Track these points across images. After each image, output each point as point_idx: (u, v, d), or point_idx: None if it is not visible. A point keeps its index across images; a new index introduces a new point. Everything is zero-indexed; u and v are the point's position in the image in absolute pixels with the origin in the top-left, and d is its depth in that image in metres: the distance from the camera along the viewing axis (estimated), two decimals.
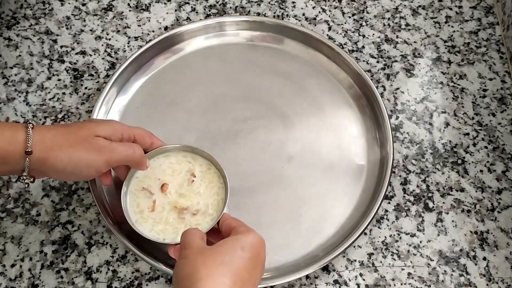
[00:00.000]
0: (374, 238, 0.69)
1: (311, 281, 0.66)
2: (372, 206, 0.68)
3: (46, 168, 0.56)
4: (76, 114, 0.77)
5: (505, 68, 0.83)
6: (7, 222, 0.69)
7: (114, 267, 0.66)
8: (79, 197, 0.71)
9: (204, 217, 0.64)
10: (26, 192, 0.71)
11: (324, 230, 0.69)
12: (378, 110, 0.76)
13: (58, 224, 0.69)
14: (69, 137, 0.56)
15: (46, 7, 0.88)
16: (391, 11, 0.89)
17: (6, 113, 0.77)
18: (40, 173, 0.58)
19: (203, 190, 0.66)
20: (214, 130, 0.76)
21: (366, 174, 0.73)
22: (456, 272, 0.67)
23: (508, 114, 0.79)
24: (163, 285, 0.65)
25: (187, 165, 0.68)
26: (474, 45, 0.85)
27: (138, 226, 0.63)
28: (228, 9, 0.88)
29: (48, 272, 0.66)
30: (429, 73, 0.82)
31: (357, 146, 0.75)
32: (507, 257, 0.68)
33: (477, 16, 0.88)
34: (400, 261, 0.68)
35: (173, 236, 0.63)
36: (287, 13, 0.88)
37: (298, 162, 0.73)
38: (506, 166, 0.74)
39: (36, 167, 0.56)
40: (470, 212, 0.71)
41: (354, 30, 0.86)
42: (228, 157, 0.73)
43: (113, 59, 0.82)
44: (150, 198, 0.65)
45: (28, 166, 0.55)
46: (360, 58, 0.83)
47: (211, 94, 0.79)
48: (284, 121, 0.77)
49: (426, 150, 0.76)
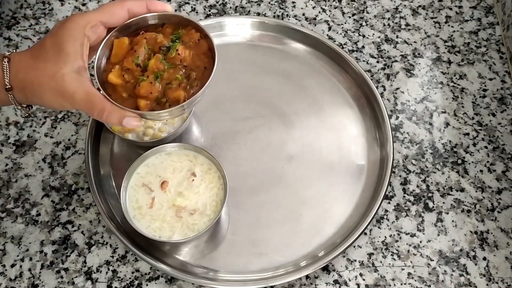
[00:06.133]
0: (374, 238, 0.69)
1: (311, 281, 0.66)
2: (372, 206, 0.68)
3: (30, 102, 0.56)
4: (76, 114, 0.77)
5: (505, 68, 0.83)
6: (7, 222, 0.69)
7: (114, 267, 0.66)
8: (79, 197, 0.71)
9: (201, 217, 0.65)
10: (26, 192, 0.71)
11: (324, 230, 0.69)
12: (378, 110, 0.76)
13: (58, 224, 0.69)
14: (38, 73, 0.54)
15: (46, 7, 0.88)
16: (391, 11, 0.89)
17: (6, 113, 0.77)
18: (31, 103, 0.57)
19: (202, 190, 0.66)
20: (214, 130, 0.76)
21: (366, 174, 0.73)
22: (456, 272, 0.67)
23: (508, 114, 0.79)
24: (163, 285, 0.65)
25: (188, 164, 0.68)
26: (474, 45, 0.85)
27: (135, 222, 0.64)
28: (228, 9, 0.88)
29: (48, 272, 0.66)
30: (429, 73, 0.82)
31: (357, 146, 0.75)
32: (507, 257, 0.68)
33: (477, 16, 0.88)
34: (400, 261, 0.67)
35: (169, 234, 0.63)
36: (287, 13, 0.88)
37: (298, 162, 0.74)
38: (506, 166, 0.74)
39: (21, 100, 0.56)
40: (470, 212, 0.71)
41: (354, 30, 0.86)
42: (228, 157, 0.73)
43: None
44: (150, 194, 0.66)
45: (14, 99, 0.55)
46: (360, 58, 0.83)
47: (211, 94, 0.78)
48: (284, 121, 0.77)
49: (426, 150, 0.76)
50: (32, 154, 0.74)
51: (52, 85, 0.53)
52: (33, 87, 0.54)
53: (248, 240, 0.68)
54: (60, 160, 0.74)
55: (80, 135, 0.76)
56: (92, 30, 0.55)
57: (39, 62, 0.54)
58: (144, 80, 0.56)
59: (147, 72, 0.57)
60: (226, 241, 0.68)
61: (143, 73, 0.57)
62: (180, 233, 0.64)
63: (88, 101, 0.54)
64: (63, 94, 0.53)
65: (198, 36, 0.59)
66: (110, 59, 0.58)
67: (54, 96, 0.54)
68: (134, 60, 0.57)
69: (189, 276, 0.64)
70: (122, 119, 0.55)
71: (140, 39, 0.58)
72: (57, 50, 0.54)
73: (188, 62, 0.58)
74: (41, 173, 0.73)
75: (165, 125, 0.71)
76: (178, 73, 0.57)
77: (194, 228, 0.64)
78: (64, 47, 0.54)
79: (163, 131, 0.71)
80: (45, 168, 0.73)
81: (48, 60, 0.54)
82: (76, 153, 0.74)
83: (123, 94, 0.57)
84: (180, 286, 0.65)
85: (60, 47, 0.54)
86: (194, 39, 0.59)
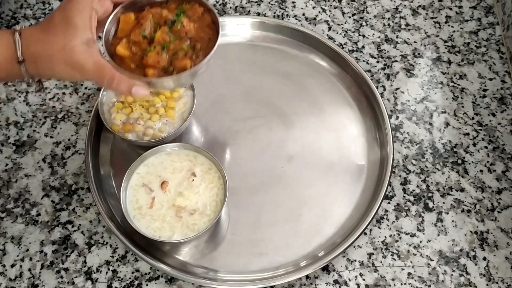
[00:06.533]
0: (374, 238, 0.69)
1: (311, 281, 0.66)
2: (372, 206, 0.68)
3: (41, 74, 0.58)
4: (76, 114, 0.77)
5: (505, 68, 0.83)
6: (7, 222, 0.69)
7: (114, 267, 0.66)
8: (79, 197, 0.71)
9: (201, 217, 0.65)
10: (26, 192, 0.71)
11: (324, 230, 0.69)
12: (378, 110, 0.76)
13: (58, 224, 0.69)
14: (48, 46, 0.56)
15: (46, 7, 0.88)
16: (391, 11, 0.89)
17: (6, 113, 0.77)
18: (42, 77, 0.59)
19: (202, 190, 0.66)
20: (214, 130, 0.76)
21: (366, 174, 0.73)
22: (456, 272, 0.67)
23: (508, 114, 0.79)
24: (163, 285, 0.65)
25: (188, 164, 0.68)
26: (474, 45, 0.85)
27: (135, 221, 0.64)
28: (228, 9, 0.88)
29: (48, 272, 0.66)
30: (429, 73, 0.82)
31: (357, 146, 0.75)
32: (507, 257, 0.68)
33: (477, 16, 0.88)
34: (400, 261, 0.67)
35: (169, 234, 0.64)
36: (287, 13, 0.88)
37: (298, 162, 0.74)
38: (506, 166, 0.74)
39: (33, 73, 0.57)
40: (470, 212, 0.71)
41: (354, 30, 0.86)
42: (228, 157, 0.73)
43: None
44: (150, 194, 0.66)
45: (26, 73, 0.57)
46: (360, 58, 0.83)
47: (211, 94, 0.79)
48: (284, 121, 0.77)
49: (426, 150, 0.76)
50: (32, 154, 0.74)
51: (62, 57, 0.55)
52: (44, 60, 0.55)
53: (248, 240, 0.68)
54: (60, 160, 0.74)
55: (80, 135, 0.76)
56: (100, 4, 0.57)
57: (49, 35, 0.56)
58: (151, 51, 0.58)
59: (153, 43, 0.59)
60: (226, 241, 0.68)
61: (150, 44, 0.59)
62: (180, 233, 0.64)
63: (98, 71, 0.55)
64: (74, 66, 0.55)
65: (202, 10, 0.62)
66: (117, 34, 0.61)
67: (65, 68, 0.55)
68: (141, 33, 0.59)
69: (189, 276, 0.64)
70: (131, 87, 0.57)
71: (146, 14, 0.61)
72: (66, 24, 0.56)
73: (193, 34, 0.60)
74: (41, 173, 0.73)
75: (165, 125, 0.71)
76: (184, 44, 0.59)
77: (194, 228, 0.64)
78: (72, 20, 0.55)
79: (163, 131, 0.71)
80: (45, 168, 0.73)
81: (57, 33, 0.55)
82: (76, 153, 0.74)
83: (131, 65, 0.59)
84: (180, 286, 0.65)
85: (68, 21, 0.55)
86: (198, 13, 0.62)
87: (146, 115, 0.71)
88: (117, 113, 0.71)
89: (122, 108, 0.72)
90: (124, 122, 0.71)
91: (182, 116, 0.72)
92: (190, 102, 0.73)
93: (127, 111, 0.71)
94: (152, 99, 0.72)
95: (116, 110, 0.71)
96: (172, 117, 0.71)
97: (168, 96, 0.72)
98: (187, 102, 0.73)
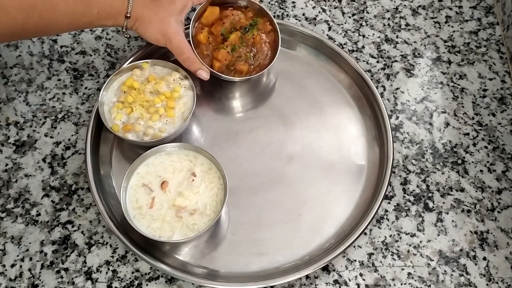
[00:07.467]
0: (374, 238, 0.69)
1: (311, 281, 0.66)
2: (372, 206, 0.68)
3: (134, 30, 0.73)
4: (76, 114, 0.77)
5: (505, 68, 0.83)
6: (7, 222, 0.69)
7: (114, 267, 0.66)
8: (79, 197, 0.71)
9: (201, 217, 0.65)
10: (26, 192, 0.71)
11: (324, 230, 0.69)
12: (378, 110, 0.76)
13: (58, 224, 0.69)
14: (151, 12, 0.71)
15: None
16: (391, 11, 0.89)
17: (6, 113, 0.77)
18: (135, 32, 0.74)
19: (202, 190, 0.66)
20: (214, 130, 0.76)
21: (366, 174, 0.73)
22: (456, 272, 0.67)
23: (508, 114, 0.79)
24: (163, 285, 0.65)
25: (188, 164, 0.68)
26: (474, 45, 0.85)
27: (135, 222, 0.64)
28: None
29: (48, 272, 0.66)
30: (429, 73, 0.82)
31: (357, 146, 0.75)
32: (507, 257, 0.68)
33: (477, 16, 0.88)
34: (400, 261, 0.68)
35: (169, 234, 0.64)
36: (287, 13, 0.88)
37: (298, 162, 0.74)
38: (506, 166, 0.74)
39: (129, 27, 0.72)
40: (470, 212, 0.71)
41: (354, 30, 0.86)
42: (228, 157, 0.73)
43: (113, 59, 0.82)
44: (150, 194, 0.66)
45: (126, 25, 0.72)
46: (360, 58, 0.83)
47: (211, 94, 0.79)
48: (284, 121, 0.77)
49: (426, 150, 0.76)
50: (32, 154, 0.74)
51: (158, 25, 0.71)
52: (144, 22, 0.71)
53: (248, 240, 0.68)
54: (60, 160, 0.74)
55: (80, 135, 0.76)
56: None
57: (155, 6, 0.72)
58: (224, 48, 0.73)
59: (226, 42, 0.74)
60: (226, 241, 0.68)
61: (223, 41, 0.74)
62: (180, 233, 0.64)
63: (180, 47, 0.72)
64: (164, 35, 0.71)
65: (270, 28, 0.76)
66: (201, 19, 0.76)
67: (157, 33, 0.72)
68: (221, 30, 0.74)
69: (189, 276, 0.64)
70: (198, 69, 0.72)
71: (228, 13, 0.76)
72: (170, 2, 0.73)
73: (257, 46, 0.75)
74: (41, 173, 0.73)
75: (165, 125, 0.71)
76: (249, 52, 0.75)
77: (194, 228, 0.64)
78: (176, 1, 0.73)
79: (163, 131, 0.71)
80: (45, 168, 0.73)
81: (162, 6, 0.72)
82: (76, 153, 0.74)
83: (205, 51, 0.74)
84: (180, 286, 0.65)
85: (173, 0, 0.73)
86: (266, 30, 0.76)
87: (146, 115, 0.71)
88: (117, 113, 0.71)
89: (122, 108, 0.71)
90: (124, 122, 0.71)
91: (182, 116, 0.72)
92: (190, 102, 0.73)
93: (127, 111, 0.71)
94: (152, 99, 0.72)
95: (116, 110, 0.71)
96: (172, 117, 0.71)
97: (168, 96, 0.72)
98: (187, 102, 0.73)
